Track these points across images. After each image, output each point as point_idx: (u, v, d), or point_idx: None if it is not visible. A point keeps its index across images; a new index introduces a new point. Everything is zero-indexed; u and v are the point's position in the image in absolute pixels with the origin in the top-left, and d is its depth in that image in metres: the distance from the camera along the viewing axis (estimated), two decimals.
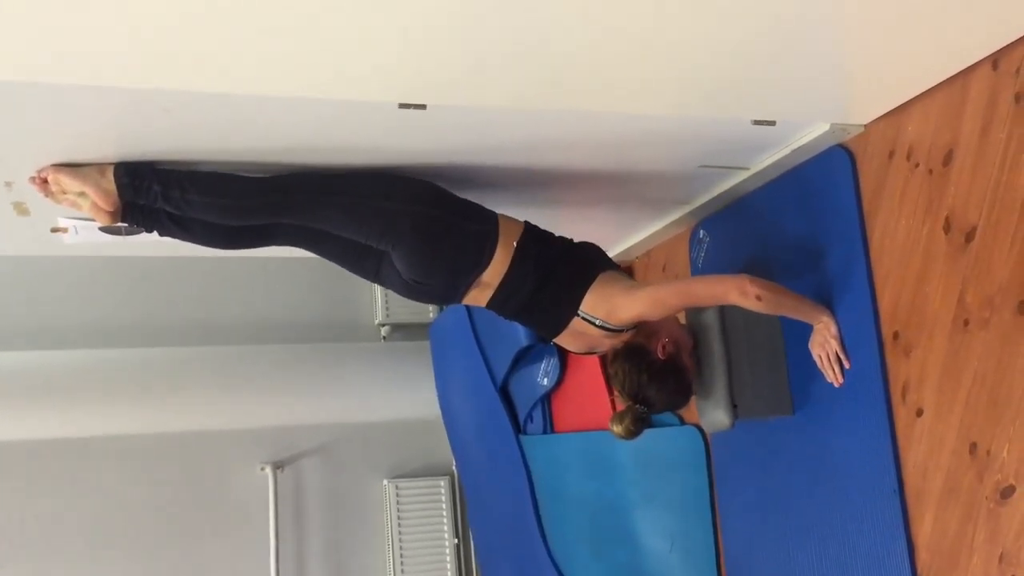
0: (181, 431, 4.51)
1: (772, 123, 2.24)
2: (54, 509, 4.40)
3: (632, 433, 2.43)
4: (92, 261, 4.36)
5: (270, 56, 1.74)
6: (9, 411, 4.22)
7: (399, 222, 2.22)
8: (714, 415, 2.54)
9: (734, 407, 2.50)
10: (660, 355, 2.40)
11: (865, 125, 2.31)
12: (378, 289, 4.94)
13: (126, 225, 2.27)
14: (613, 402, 3.40)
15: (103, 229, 2.65)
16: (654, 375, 2.40)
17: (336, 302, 4.96)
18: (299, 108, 1.94)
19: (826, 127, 2.30)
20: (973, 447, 2.01)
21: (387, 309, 4.94)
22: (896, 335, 2.23)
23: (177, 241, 2.50)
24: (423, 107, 1.97)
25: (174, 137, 2.06)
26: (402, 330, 4.95)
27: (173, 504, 4.55)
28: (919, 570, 2.17)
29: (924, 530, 2.15)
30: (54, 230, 2.57)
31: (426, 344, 4.68)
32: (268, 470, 4.65)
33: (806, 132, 2.35)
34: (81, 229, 2.61)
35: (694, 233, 3.05)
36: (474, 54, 1.81)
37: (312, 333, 4.86)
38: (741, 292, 2.25)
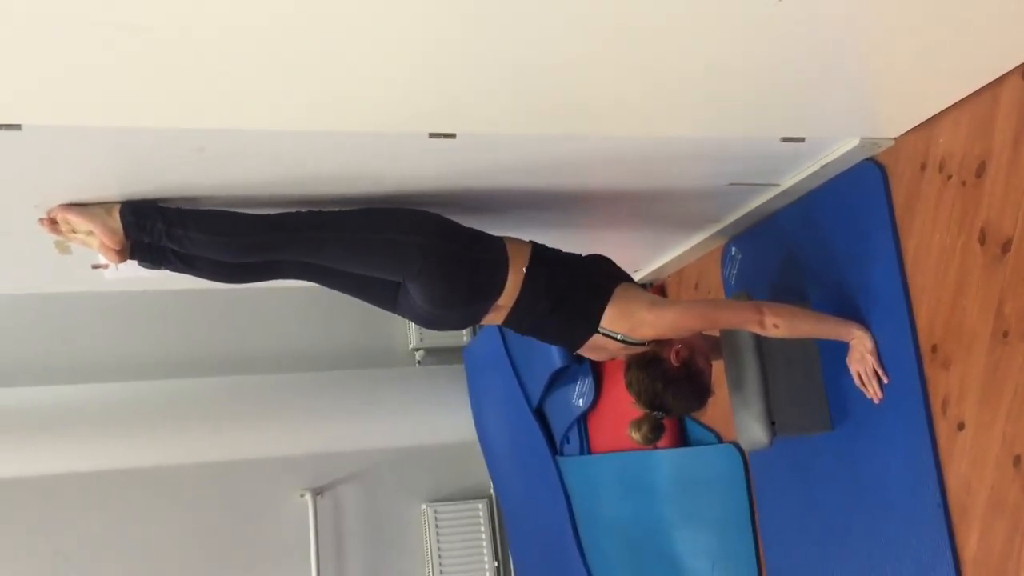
0: (221, 460, 4.56)
1: (801, 140, 2.24)
2: (95, 541, 4.46)
3: (650, 440, 2.44)
4: (127, 296, 4.42)
5: (305, 92, 1.77)
6: (50, 444, 4.29)
7: (408, 255, 2.23)
8: (752, 433, 2.53)
9: (772, 424, 2.49)
10: (674, 362, 2.40)
11: (895, 138, 2.30)
12: None
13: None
14: None
15: (142, 264, 2.71)
16: (669, 382, 2.40)
17: (369, 328, 5.00)
18: (329, 140, 1.97)
19: (856, 142, 2.30)
20: (1017, 460, 1.98)
21: (421, 334, 4.97)
22: (934, 349, 2.21)
23: None
24: (453, 136, 1.99)
25: (196, 175, 2.09)
26: (436, 354, 4.98)
27: (214, 533, 4.59)
28: None
29: (970, 545, 2.12)
30: (95, 267, 2.61)
31: (461, 368, 4.70)
32: (308, 497, 4.68)
33: (836, 147, 2.35)
34: (121, 265, 2.66)
35: (726, 251, 3.05)
36: (504, 83, 1.83)
37: (347, 360, 4.90)
38: (759, 323, 2.32)
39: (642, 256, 3.37)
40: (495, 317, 2.40)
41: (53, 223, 2.20)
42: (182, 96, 1.74)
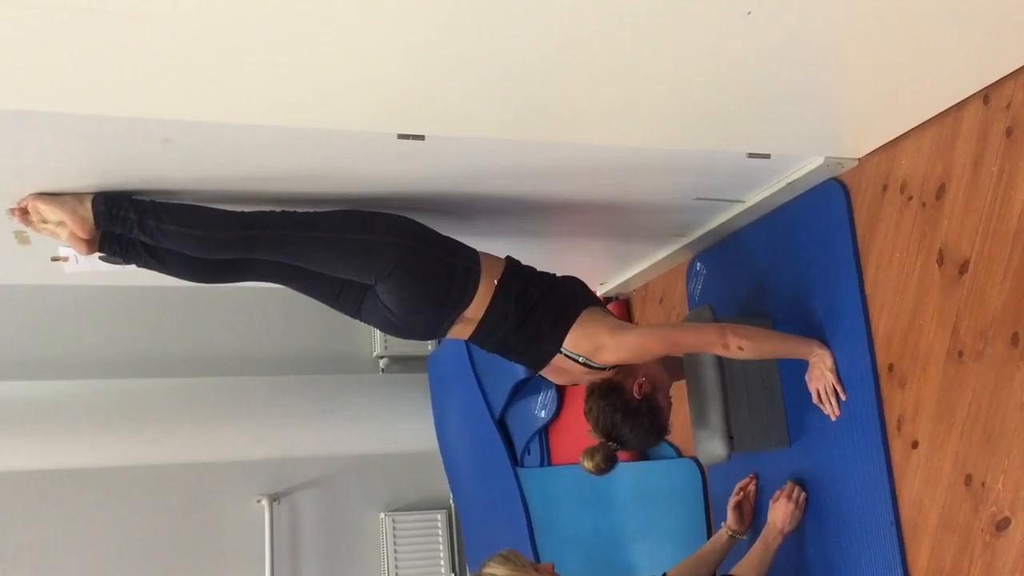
0: (177, 463, 4.52)
1: (767, 156, 2.27)
2: (47, 540, 4.40)
3: (602, 470, 2.44)
4: (86, 292, 4.38)
5: (273, 86, 1.76)
6: (4, 441, 4.22)
7: (383, 254, 2.22)
8: (710, 447, 2.54)
9: (730, 439, 2.50)
10: (636, 394, 2.40)
11: (859, 159, 2.33)
12: None
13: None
14: None
15: (103, 258, 2.68)
16: (628, 414, 2.40)
17: (334, 334, 4.98)
18: (299, 137, 1.97)
19: (820, 160, 2.33)
20: (968, 479, 2.01)
21: (385, 341, 4.96)
22: (891, 367, 2.24)
23: None
24: (421, 138, 1.99)
25: (166, 167, 2.07)
26: (400, 362, 4.97)
27: (168, 536, 4.54)
28: None
29: (920, 563, 2.14)
30: (55, 259, 2.58)
31: (424, 376, 4.69)
32: (264, 502, 4.65)
33: (801, 166, 2.38)
34: (81, 258, 2.62)
35: (691, 266, 3.07)
36: (472, 86, 1.83)
37: (310, 365, 4.88)
38: (723, 346, 2.32)
39: (608, 269, 3.39)
40: (462, 330, 2.38)
41: (24, 212, 2.16)
42: (147, 85, 1.72)
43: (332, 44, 1.64)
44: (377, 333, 4.92)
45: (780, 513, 2.45)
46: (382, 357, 4.97)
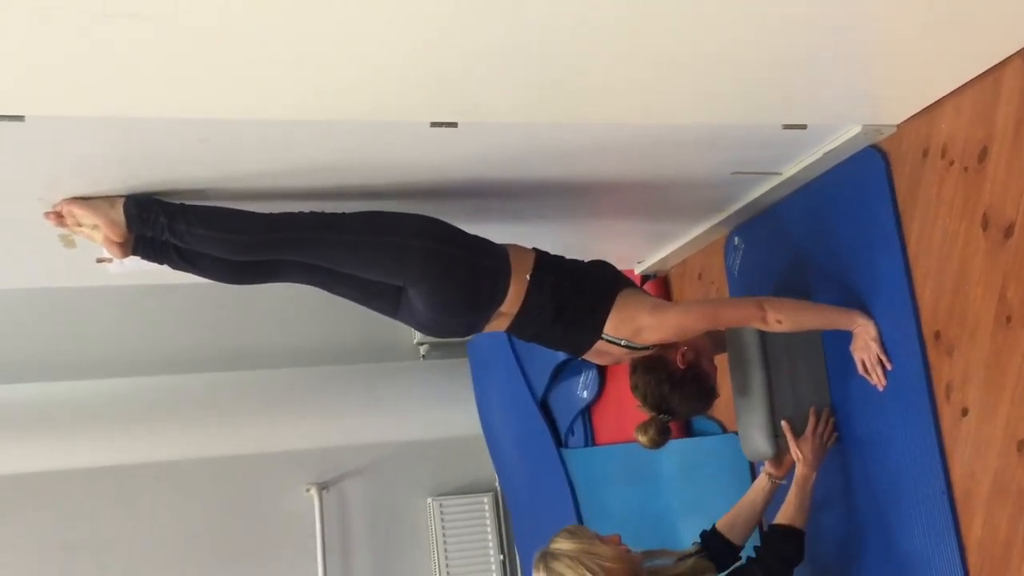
0: (226, 455, 4.57)
1: (803, 127, 2.24)
2: (102, 536, 4.48)
3: (657, 443, 2.45)
4: (131, 292, 4.43)
5: (306, 80, 1.78)
6: (56, 440, 4.31)
7: (412, 259, 2.23)
8: (755, 443, 2.52)
9: (775, 437, 2.48)
10: (680, 364, 2.40)
11: (897, 125, 2.30)
12: None
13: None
14: None
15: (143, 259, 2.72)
16: (675, 385, 2.40)
17: (373, 323, 4.85)
18: (332, 130, 1.98)
19: (858, 129, 2.29)
20: (1020, 445, 1.98)
21: None
22: (938, 335, 2.21)
23: None
24: (454, 125, 1.99)
25: (199, 167, 2.09)
26: (440, 348, 4.98)
27: (220, 528, 4.61)
28: (970, 572, 2.14)
29: (974, 532, 2.12)
30: (99, 260, 2.62)
31: (465, 361, 4.71)
32: (313, 491, 4.69)
33: (838, 135, 2.34)
34: (126, 260, 2.66)
35: (729, 241, 3.05)
36: (504, 70, 1.83)
37: (351, 355, 4.90)
38: (761, 319, 2.32)
39: (645, 248, 3.37)
40: (498, 324, 2.39)
41: (59, 216, 2.21)
42: (183, 85, 1.74)
43: (363, 35, 1.64)
44: None
45: (806, 450, 2.43)
46: (422, 344, 4.99)
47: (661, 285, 3.52)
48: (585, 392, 3.74)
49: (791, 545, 2.35)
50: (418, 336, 4.95)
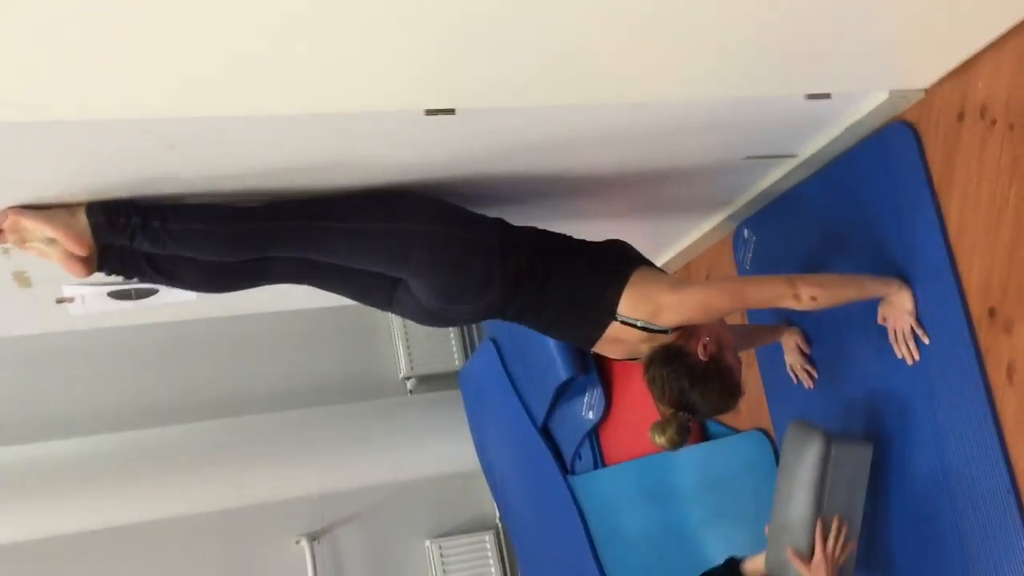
0: (208, 511, 4.31)
1: (827, 96, 2.06)
2: None
3: (676, 444, 2.18)
4: (99, 339, 4.17)
5: (287, 71, 1.58)
6: (30, 507, 4.03)
7: (414, 245, 2.04)
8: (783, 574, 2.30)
9: None
10: (701, 356, 2.16)
11: (926, 89, 2.13)
12: (400, 341, 4.77)
13: (124, 280, 2.07)
14: None
15: (112, 294, 2.48)
16: (696, 379, 2.16)
17: (356, 360, 4.81)
18: (320, 124, 1.77)
19: (884, 96, 2.12)
20: None
21: (411, 361, 4.76)
22: (992, 312, 2.02)
23: (186, 300, 2.31)
24: (452, 112, 1.79)
25: (171, 168, 1.86)
26: (429, 381, 4.77)
27: None
28: None
29: None
30: (59, 300, 2.38)
31: (456, 393, 4.49)
32: (304, 543, 4.45)
33: (862, 105, 2.17)
34: (89, 297, 2.43)
35: (738, 233, 2.87)
36: (503, 49, 1.65)
37: (336, 395, 4.69)
38: (793, 296, 2.12)
39: (646, 250, 3.16)
40: (507, 310, 2.20)
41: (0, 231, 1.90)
42: (147, 81, 1.53)
43: (347, 20, 1.47)
44: (401, 353, 4.74)
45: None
46: (409, 378, 4.78)
47: None
48: (591, 413, 3.52)
49: None
50: (404, 370, 4.73)
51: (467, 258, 2.07)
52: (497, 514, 4.54)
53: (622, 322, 2.14)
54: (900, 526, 2.31)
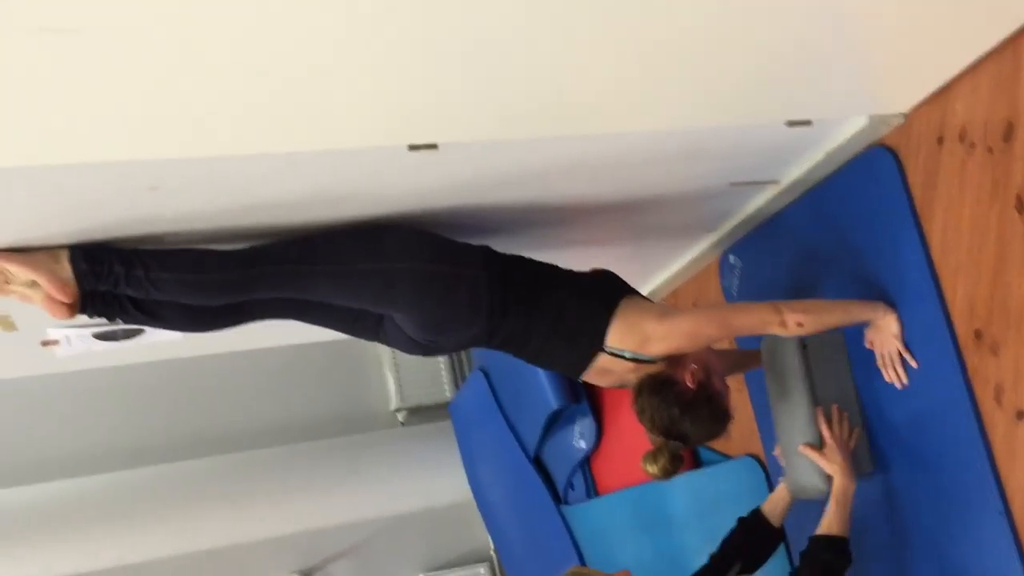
0: (198, 551, 4.25)
1: (808, 123, 2.07)
2: None
3: (669, 473, 2.20)
4: (82, 379, 4.12)
5: (269, 110, 1.57)
6: (17, 551, 3.97)
7: (398, 282, 2.03)
8: (808, 481, 2.30)
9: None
10: (689, 384, 2.16)
11: (906, 114, 2.14)
12: (389, 374, 4.75)
13: (117, 325, 2.06)
14: None
15: (97, 336, 2.46)
16: (685, 407, 2.15)
17: (346, 393, 4.77)
18: (301, 162, 1.77)
19: (864, 121, 2.13)
20: None
21: (401, 393, 4.74)
22: (978, 334, 2.02)
23: (172, 339, 2.30)
24: (434, 147, 1.79)
25: (153, 209, 1.85)
26: (420, 413, 4.74)
27: None
28: None
29: None
30: (44, 343, 2.36)
31: (447, 424, 4.47)
32: None
33: (842, 130, 2.18)
34: (75, 339, 2.41)
35: (723, 260, 2.87)
36: (484, 85, 1.65)
37: (326, 429, 4.65)
38: (780, 323, 2.13)
39: (631, 278, 3.14)
40: (494, 340, 2.20)
41: None
42: (125, 123, 1.52)
43: (329, 57, 1.46)
44: (391, 386, 4.72)
45: (837, 459, 2.23)
46: (400, 410, 4.75)
47: None
48: (583, 442, 3.50)
49: (836, 553, 2.14)
50: (395, 402, 4.71)
51: (452, 293, 2.06)
52: (491, 545, 4.50)
53: (610, 353, 2.13)
54: (891, 551, 2.30)
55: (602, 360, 2.15)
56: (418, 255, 2.04)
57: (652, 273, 3.13)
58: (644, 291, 3.21)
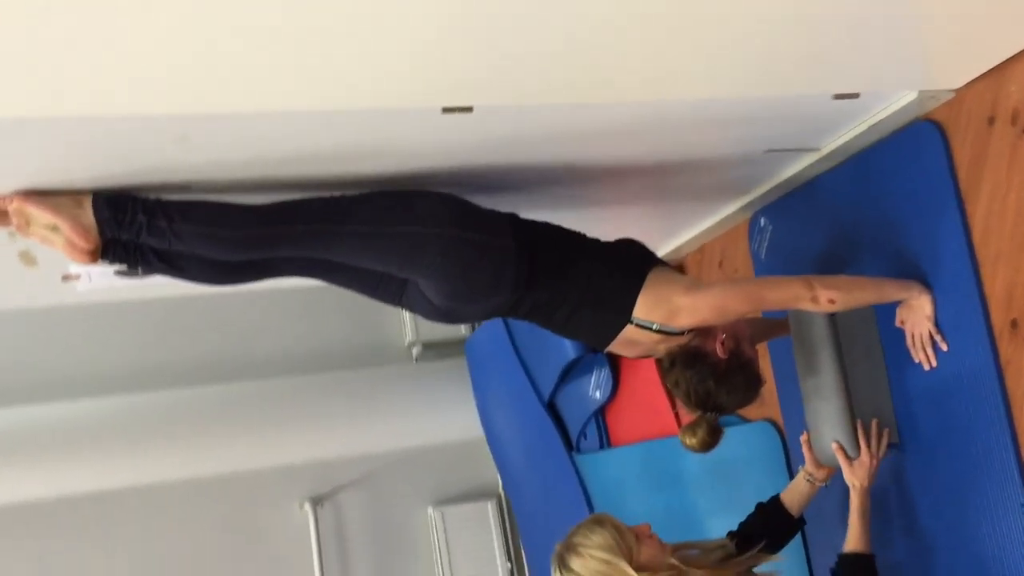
0: (212, 475, 4.29)
1: (855, 95, 2.01)
2: (88, 566, 4.19)
3: (709, 445, 2.22)
4: (107, 305, 4.13)
5: (304, 68, 1.53)
6: (32, 467, 4.01)
7: (426, 248, 1.99)
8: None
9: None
10: (721, 354, 2.15)
11: (956, 90, 2.07)
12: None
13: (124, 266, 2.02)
14: (674, 406, 3.17)
15: (118, 272, 2.45)
16: (720, 378, 2.15)
17: (361, 325, 4.74)
18: (335, 120, 1.72)
19: (913, 95, 2.06)
20: None
21: (416, 328, 4.72)
22: (1015, 323, 1.98)
23: None
24: (469, 109, 1.74)
25: (181, 159, 1.81)
26: (435, 349, 4.72)
27: (210, 551, 4.34)
28: None
29: None
30: (65, 278, 2.34)
31: (462, 361, 4.46)
32: (307, 507, 4.44)
33: (889, 104, 2.11)
34: (95, 275, 2.39)
35: (754, 221, 2.81)
36: (523, 48, 1.59)
37: (340, 361, 4.64)
38: (811, 298, 2.09)
39: (659, 234, 3.13)
40: (521, 310, 2.16)
41: (3, 215, 1.84)
42: (160, 77, 1.47)
43: (366, 15, 1.41)
44: (408, 320, 4.69)
45: (862, 475, 2.21)
46: (415, 345, 4.74)
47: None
48: (598, 392, 3.50)
49: (864, 572, 2.13)
50: (410, 336, 4.70)
51: (479, 261, 2.02)
52: (499, 483, 4.53)
53: (637, 325, 2.10)
54: (912, 537, 2.30)
55: (629, 332, 2.12)
56: (449, 222, 2.00)
57: (681, 229, 3.07)
58: (672, 246, 3.17)
